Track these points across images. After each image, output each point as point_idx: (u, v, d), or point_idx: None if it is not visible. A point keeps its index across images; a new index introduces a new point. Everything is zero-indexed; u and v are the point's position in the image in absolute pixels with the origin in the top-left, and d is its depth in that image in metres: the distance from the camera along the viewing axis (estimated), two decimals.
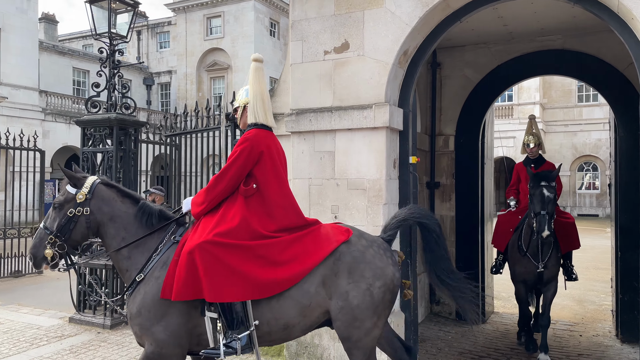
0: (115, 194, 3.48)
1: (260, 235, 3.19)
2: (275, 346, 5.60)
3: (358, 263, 3.19)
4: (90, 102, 7.34)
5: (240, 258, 3.11)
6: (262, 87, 3.47)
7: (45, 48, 27.68)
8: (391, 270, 3.26)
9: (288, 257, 3.17)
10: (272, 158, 3.38)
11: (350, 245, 3.24)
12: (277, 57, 33.56)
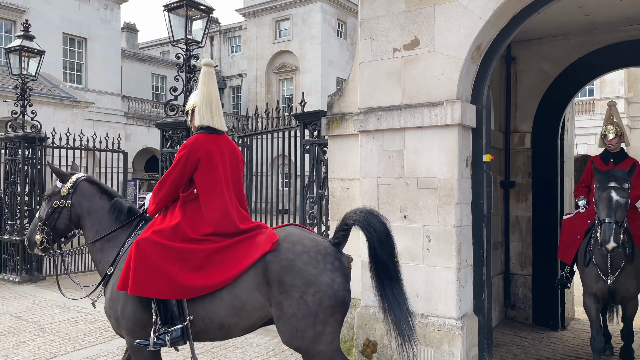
0: (96, 190, 3.80)
1: (189, 238, 3.27)
2: (344, 345, 5.62)
3: (287, 272, 3.12)
4: (168, 106, 7.73)
5: (165, 258, 3.21)
6: (210, 91, 3.49)
7: (126, 56, 29.42)
8: (328, 276, 3.13)
9: (213, 263, 3.22)
10: (213, 163, 3.37)
11: (278, 254, 3.16)
12: (344, 58, 33.66)
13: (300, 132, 6.44)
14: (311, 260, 3.16)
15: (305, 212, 6.32)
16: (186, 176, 3.36)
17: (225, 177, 3.43)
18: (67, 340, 6.29)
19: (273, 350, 5.91)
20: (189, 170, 3.34)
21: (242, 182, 3.64)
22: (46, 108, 13.11)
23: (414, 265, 4.98)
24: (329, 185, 5.94)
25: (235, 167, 3.55)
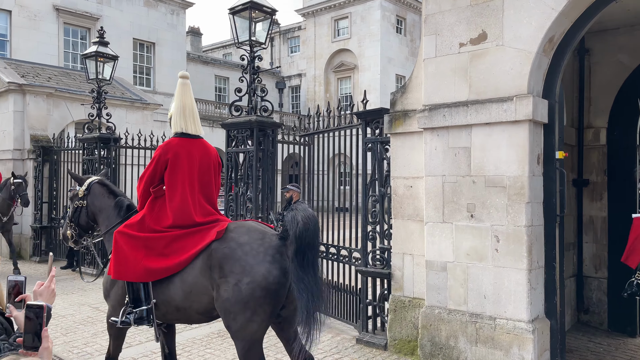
0: (105, 191, 4.42)
1: (152, 229, 3.74)
2: (408, 345, 5.57)
3: (227, 259, 3.40)
4: (233, 107, 7.94)
5: (132, 246, 3.70)
6: (184, 101, 3.95)
7: (191, 59, 30.50)
8: (265, 267, 3.33)
9: (170, 250, 3.63)
10: (179, 164, 3.76)
11: (223, 242, 3.48)
12: (403, 54, 33.24)
13: (362, 130, 6.42)
14: (252, 251, 3.42)
15: (367, 210, 6.30)
16: (158, 174, 3.82)
17: (190, 177, 3.81)
18: (140, 331, 6.61)
19: (336, 347, 5.94)
20: (160, 169, 3.80)
21: (212, 181, 3.97)
22: (119, 110, 13.85)
23: (482, 266, 4.85)
24: (391, 184, 5.90)
25: (205, 168, 3.90)
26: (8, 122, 12.85)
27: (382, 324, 6.13)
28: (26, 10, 20.88)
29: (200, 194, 3.85)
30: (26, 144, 12.75)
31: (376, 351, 5.78)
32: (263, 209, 7.71)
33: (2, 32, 20.49)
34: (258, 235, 3.54)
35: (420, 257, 5.56)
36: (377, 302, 6.11)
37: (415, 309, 5.57)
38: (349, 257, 6.79)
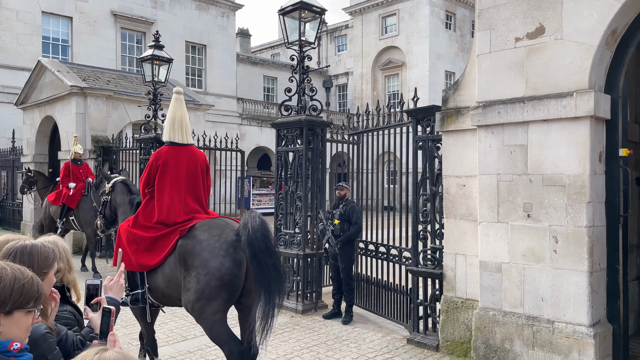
0: (125, 189, 5.30)
1: (143, 225, 4.33)
2: (461, 347, 5.47)
3: (189, 255, 3.96)
4: (283, 106, 8.04)
5: (127, 240, 4.33)
6: (174, 114, 4.52)
7: (240, 60, 31.07)
8: (219, 261, 3.82)
9: (154, 247, 4.22)
10: (167, 169, 4.34)
11: (186, 240, 4.03)
12: (453, 50, 32.58)
13: (413, 129, 6.35)
14: (209, 246, 3.90)
15: (418, 209, 6.23)
16: (151, 178, 4.40)
17: (177, 180, 4.36)
18: (195, 325, 6.78)
19: (387, 347, 5.92)
20: (152, 174, 4.40)
21: (199, 183, 4.49)
22: None
23: (539, 268, 4.70)
24: (443, 183, 5.81)
25: (193, 172, 4.45)
26: (71, 124, 13.53)
27: (433, 325, 6.05)
28: (86, 16, 21.91)
29: (188, 194, 4.40)
30: (87, 144, 13.38)
31: (427, 352, 5.71)
32: (312, 207, 7.77)
33: (64, 38, 21.59)
34: (216, 232, 4.02)
35: (473, 258, 5.45)
36: (429, 302, 6.03)
37: (468, 310, 5.46)
38: (399, 257, 6.74)
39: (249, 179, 25.32)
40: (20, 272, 1.63)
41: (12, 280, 1.59)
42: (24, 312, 1.61)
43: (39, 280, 1.69)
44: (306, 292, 7.56)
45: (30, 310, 1.63)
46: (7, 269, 1.61)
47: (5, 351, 1.55)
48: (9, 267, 1.63)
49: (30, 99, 15.61)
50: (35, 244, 2.08)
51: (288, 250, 7.73)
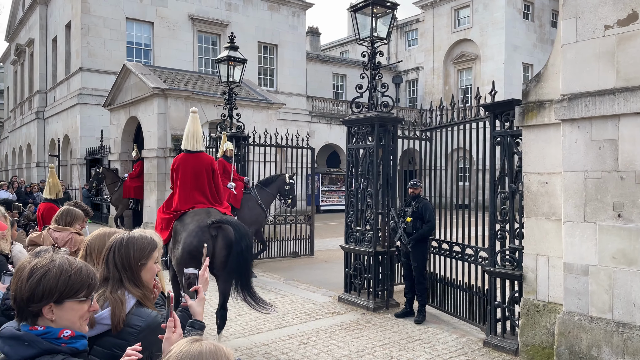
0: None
1: (165, 212, 5.96)
2: (542, 352, 5.22)
3: (177, 233, 5.57)
4: (354, 103, 8.03)
5: (157, 222, 6.09)
6: (189, 128, 5.96)
7: (310, 58, 31.37)
8: (189, 239, 5.34)
9: (166, 228, 5.78)
10: (179, 171, 5.85)
11: (177, 222, 5.67)
12: (530, 41, 31.05)
13: (490, 123, 6.12)
14: (187, 229, 5.46)
15: (496, 207, 5.99)
16: (172, 178, 5.95)
17: (185, 179, 5.82)
18: (269, 318, 6.99)
19: (462, 349, 5.76)
20: (171, 175, 5.97)
21: (204, 182, 5.89)
22: (246, 110, 14.70)
23: (631, 271, 4.38)
24: (523, 180, 5.55)
25: (198, 173, 5.84)
26: (153, 124, 14.30)
27: (511, 328, 5.81)
28: (166, 21, 23.03)
29: (194, 190, 5.84)
30: (168, 142, 14.10)
31: (506, 356, 5.50)
32: (383, 204, 7.71)
33: (146, 42, 22.84)
34: (197, 218, 5.52)
35: (556, 259, 5.17)
36: (507, 304, 5.79)
37: (550, 314, 5.19)
38: (475, 256, 6.53)
39: (319, 176, 25.55)
40: (68, 263, 1.73)
41: (57, 272, 1.68)
42: (76, 301, 1.70)
43: (90, 271, 1.78)
44: (377, 289, 7.52)
45: (83, 300, 1.72)
46: (56, 262, 1.71)
47: (56, 338, 1.65)
48: (58, 259, 1.73)
49: (117, 101, 16.67)
50: (132, 236, 2.22)
51: (359, 247, 7.72)
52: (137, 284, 2.17)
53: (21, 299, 1.66)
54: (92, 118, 21.15)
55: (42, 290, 1.64)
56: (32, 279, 1.66)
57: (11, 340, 1.65)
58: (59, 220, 3.88)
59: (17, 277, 1.69)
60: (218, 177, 6.12)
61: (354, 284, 7.84)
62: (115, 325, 2.03)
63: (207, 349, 1.38)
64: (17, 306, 1.69)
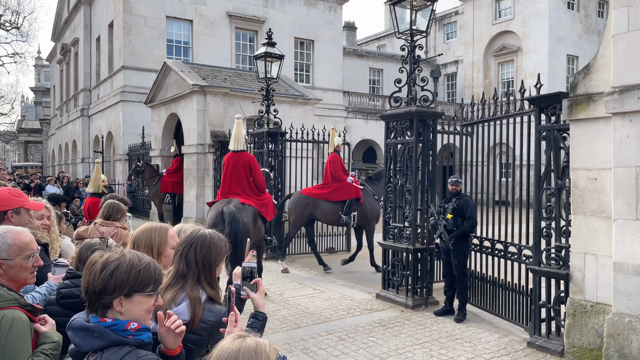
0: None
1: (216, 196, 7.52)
2: (590, 354, 5.04)
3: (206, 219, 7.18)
4: (392, 98, 7.93)
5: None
6: (234, 132, 7.39)
7: (347, 53, 31.23)
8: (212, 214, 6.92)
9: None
10: (225, 167, 7.28)
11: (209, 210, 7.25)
12: (576, 32, 29.96)
13: (535, 118, 5.92)
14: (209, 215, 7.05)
15: (541, 204, 5.80)
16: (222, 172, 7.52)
17: (226, 175, 7.27)
18: (307, 314, 7.01)
19: (504, 349, 5.61)
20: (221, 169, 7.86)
21: (243, 175, 7.21)
22: (283, 106, 14.75)
23: None
24: (570, 176, 5.35)
25: (237, 168, 7.18)
26: (192, 120, 14.55)
27: (557, 328, 5.62)
28: (204, 19, 23.37)
29: (232, 183, 7.18)
30: (207, 139, 14.32)
31: (551, 357, 5.33)
32: (422, 200, 7.59)
33: (185, 40, 23.25)
34: (217, 207, 6.92)
35: (605, 258, 4.96)
36: (552, 304, 5.61)
37: (598, 315, 5.00)
38: (518, 255, 6.35)
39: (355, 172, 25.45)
40: (137, 258, 1.77)
41: (128, 266, 1.73)
42: (143, 295, 1.75)
43: (156, 266, 1.83)
44: (416, 287, 7.42)
45: (150, 294, 1.77)
46: (126, 256, 1.77)
47: (123, 330, 1.70)
48: (128, 254, 1.78)
49: (157, 98, 17.04)
50: (213, 235, 2.26)
51: (397, 244, 7.63)
52: (212, 284, 2.25)
53: (93, 291, 1.72)
54: (134, 115, 21.71)
55: (114, 284, 1.70)
56: (104, 272, 1.71)
57: (81, 331, 1.71)
58: (104, 215, 3.98)
59: (90, 270, 1.75)
60: (256, 171, 7.36)
61: (392, 280, 7.76)
62: (192, 322, 2.09)
63: (246, 346, 1.39)
64: (88, 298, 1.75)
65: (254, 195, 7.25)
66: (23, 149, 51.66)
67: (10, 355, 2.08)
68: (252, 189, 7.25)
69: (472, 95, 8.45)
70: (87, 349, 1.69)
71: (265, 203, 7.43)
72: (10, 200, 3.00)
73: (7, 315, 2.12)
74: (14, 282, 2.31)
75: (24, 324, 2.17)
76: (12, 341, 2.09)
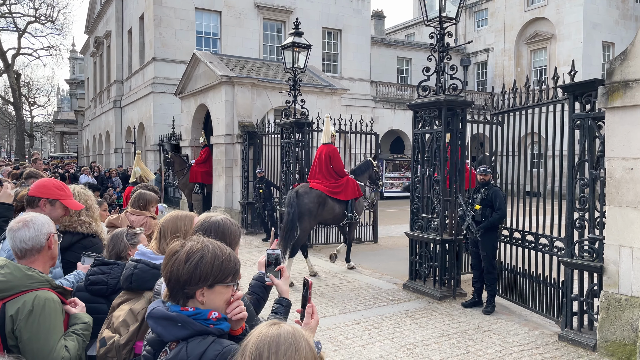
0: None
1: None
2: (623, 349, 4.90)
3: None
4: (420, 87, 7.82)
5: None
6: (324, 130, 9.10)
7: (374, 42, 30.91)
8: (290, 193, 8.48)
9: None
10: (316, 156, 8.99)
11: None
12: (612, 18, 28.90)
13: (570, 106, 5.74)
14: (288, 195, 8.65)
15: (574, 195, 5.64)
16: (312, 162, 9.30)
17: (314, 162, 9.00)
18: (333, 303, 7.03)
19: (534, 342, 5.52)
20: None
21: (323, 164, 8.72)
22: (310, 96, 14.73)
23: None
24: (605, 166, 5.18)
25: (320, 158, 8.77)
26: (221, 111, 14.68)
27: (589, 322, 5.49)
28: (233, 10, 23.47)
29: (316, 169, 8.79)
30: (235, 129, 14.43)
31: (582, 351, 5.21)
32: (451, 191, 7.48)
33: (214, 32, 23.41)
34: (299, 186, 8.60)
35: None
36: (585, 297, 5.47)
37: (633, 309, 4.85)
38: (550, 246, 6.20)
39: (382, 162, 25.28)
40: (219, 249, 1.78)
41: (212, 257, 1.74)
42: (224, 285, 1.77)
43: (236, 257, 1.85)
44: (444, 278, 7.34)
45: (229, 284, 1.79)
46: (209, 247, 1.77)
47: (205, 319, 1.71)
48: (210, 244, 1.79)
49: (187, 89, 17.25)
50: (226, 221, 2.26)
51: (425, 234, 7.56)
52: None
53: (177, 280, 1.73)
54: (164, 106, 22.04)
55: (200, 274, 1.71)
56: (189, 263, 1.72)
57: (164, 320, 1.72)
58: (134, 204, 4.05)
59: (172, 259, 1.76)
60: (335, 159, 8.81)
61: (419, 271, 7.70)
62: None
63: (285, 331, 1.39)
64: (170, 287, 1.76)
65: (330, 179, 8.65)
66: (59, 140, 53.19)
67: (43, 334, 2.15)
68: (331, 174, 8.70)
69: (503, 84, 8.24)
70: (171, 339, 1.71)
71: (340, 185, 8.73)
72: (49, 190, 3.06)
73: (40, 295, 2.19)
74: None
75: (56, 304, 2.24)
76: (45, 320, 2.16)
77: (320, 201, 8.39)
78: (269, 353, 1.33)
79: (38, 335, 2.14)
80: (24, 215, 2.49)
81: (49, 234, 2.40)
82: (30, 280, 2.21)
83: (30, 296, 2.17)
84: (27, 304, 2.15)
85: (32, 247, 2.35)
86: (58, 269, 3.03)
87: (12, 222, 2.41)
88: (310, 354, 1.37)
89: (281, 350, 1.34)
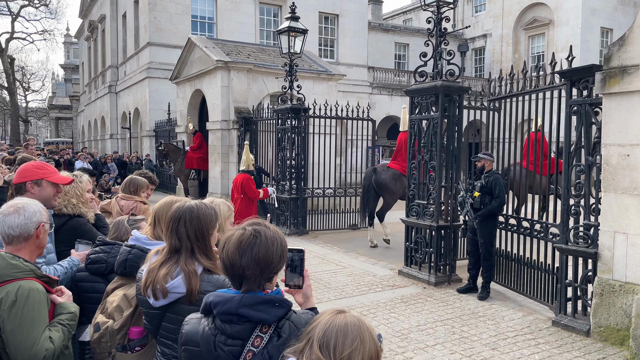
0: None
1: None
2: (617, 334, 4.94)
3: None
4: (417, 73, 7.76)
5: None
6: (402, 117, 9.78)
7: (372, 27, 30.64)
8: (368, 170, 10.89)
9: None
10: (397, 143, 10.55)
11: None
12: (610, 4, 28.75)
13: (567, 92, 5.71)
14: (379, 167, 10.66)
15: (570, 181, 5.65)
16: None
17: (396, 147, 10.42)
18: (329, 289, 7.06)
19: (528, 327, 5.55)
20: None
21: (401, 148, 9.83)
22: (307, 82, 14.62)
23: None
24: (602, 152, 5.17)
25: (401, 143, 9.85)
26: (216, 96, 14.58)
27: (583, 308, 5.52)
28: None
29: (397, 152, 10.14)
30: (231, 115, 14.35)
31: (576, 336, 5.25)
32: (447, 177, 7.47)
33: (210, 16, 23.15)
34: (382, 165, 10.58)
35: (636, 237, 4.82)
36: (579, 283, 5.50)
37: (627, 295, 4.88)
38: (545, 233, 6.22)
39: (379, 148, 25.23)
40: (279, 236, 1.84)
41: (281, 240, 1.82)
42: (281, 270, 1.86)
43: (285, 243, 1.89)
44: (439, 264, 7.37)
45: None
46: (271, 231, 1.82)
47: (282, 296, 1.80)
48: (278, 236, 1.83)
49: (182, 74, 17.10)
50: (200, 206, 2.23)
51: (420, 220, 7.56)
52: (209, 255, 2.20)
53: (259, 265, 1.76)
54: (159, 91, 21.87)
55: (278, 260, 1.79)
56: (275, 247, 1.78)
57: (262, 305, 1.73)
58: (124, 189, 4.04)
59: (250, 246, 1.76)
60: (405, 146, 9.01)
61: (414, 257, 7.72)
62: (190, 296, 2.08)
63: (351, 321, 1.44)
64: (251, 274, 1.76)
65: (401, 160, 9.78)
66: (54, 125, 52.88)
67: (26, 326, 2.10)
68: (402, 156, 9.70)
69: (501, 70, 8.23)
70: (273, 320, 1.73)
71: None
72: (31, 172, 3.04)
73: (24, 285, 2.14)
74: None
75: (40, 294, 2.18)
76: (28, 311, 2.11)
77: (396, 178, 10.00)
78: (335, 342, 1.39)
79: (21, 327, 2.09)
80: (17, 200, 2.45)
81: (39, 223, 2.35)
82: (14, 270, 2.16)
83: (14, 286, 2.11)
84: (10, 294, 2.09)
85: (20, 234, 2.29)
86: (52, 254, 3.02)
87: (4, 206, 2.37)
88: (374, 347, 1.44)
89: (348, 341, 1.40)
